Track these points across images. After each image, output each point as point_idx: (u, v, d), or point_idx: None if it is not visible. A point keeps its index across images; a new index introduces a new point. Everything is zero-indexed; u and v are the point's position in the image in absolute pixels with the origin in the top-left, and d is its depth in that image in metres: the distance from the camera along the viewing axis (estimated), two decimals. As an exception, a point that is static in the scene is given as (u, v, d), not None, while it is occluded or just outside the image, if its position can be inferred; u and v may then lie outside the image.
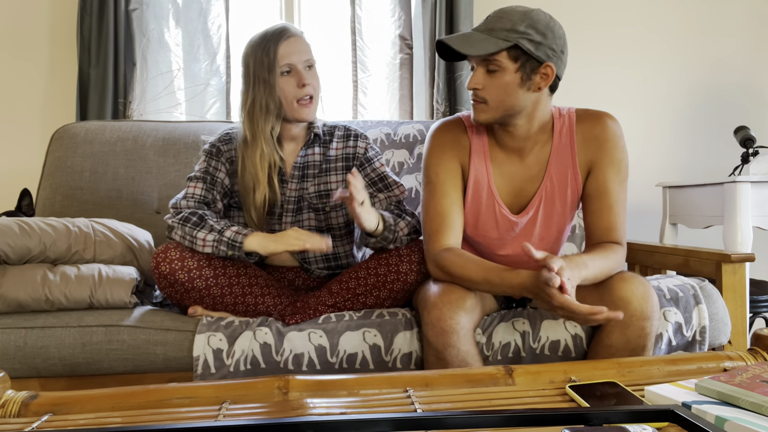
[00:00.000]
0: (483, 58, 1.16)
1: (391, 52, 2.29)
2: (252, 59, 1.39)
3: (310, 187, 1.46)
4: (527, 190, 1.29)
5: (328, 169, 1.48)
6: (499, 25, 1.14)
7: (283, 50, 1.37)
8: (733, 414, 0.70)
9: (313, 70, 1.42)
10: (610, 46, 2.45)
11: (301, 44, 1.40)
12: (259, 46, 1.38)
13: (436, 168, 1.29)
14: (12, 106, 2.21)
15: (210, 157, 1.45)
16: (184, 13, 2.21)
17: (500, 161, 1.29)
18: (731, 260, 1.45)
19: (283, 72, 1.37)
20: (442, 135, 1.30)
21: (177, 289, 1.28)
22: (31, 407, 0.83)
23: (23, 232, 1.33)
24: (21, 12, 2.20)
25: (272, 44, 1.37)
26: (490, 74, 1.17)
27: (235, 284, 1.32)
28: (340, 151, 1.49)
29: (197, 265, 1.29)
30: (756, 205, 1.91)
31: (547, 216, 1.30)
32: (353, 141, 1.50)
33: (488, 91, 1.18)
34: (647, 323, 1.14)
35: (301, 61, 1.38)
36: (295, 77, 1.38)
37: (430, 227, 1.27)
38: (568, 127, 1.27)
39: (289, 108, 1.39)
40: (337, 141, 1.50)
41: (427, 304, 1.14)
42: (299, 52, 1.38)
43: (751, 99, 2.51)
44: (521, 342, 1.23)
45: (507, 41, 1.13)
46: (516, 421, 0.64)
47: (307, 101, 1.39)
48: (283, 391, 0.86)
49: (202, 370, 1.20)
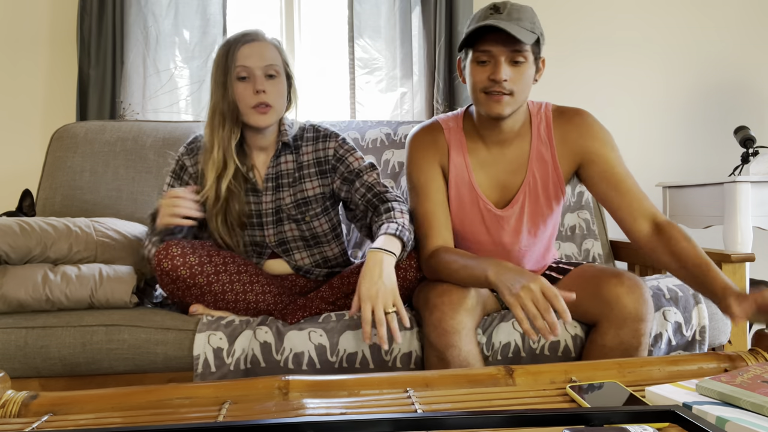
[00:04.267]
0: (514, 49, 1.16)
1: (391, 50, 2.29)
2: (215, 63, 1.34)
3: (287, 197, 1.41)
4: (511, 183, 1.31)
5: (301, 177, 1.42)
6: (523, 17, 1.15)
7: (242, 53, 1.31)
8: (734, 414, 0.70)
9: (276, 79, 1.33)
10: (610, 46, 2.44)
11: (263, 50, 1.32)
12: (222, 48, 1.34)
13: (417, 173, 1.32)
14: (12, 106, 2.21)
15: (174, 178, 1.43)
16: (183, 9, 2.21)
17: (481, 157, 1.31)
18: (731, 260, 1.45)
19: (240, 77, 1.31)
20: (420, 140, 1.34)
21: (179, 285, 1.28)
22: (31, 407, 0.83)
23: (24, 232, 1.32)
24: (21, 12, 2.20)
25: (233, 47, 1.32)
26: (514, 66, 1.18)
27: (236, 281, 1.32)
28: (311, 155, 1.42)
29: (198, 261, 1.28)
30: (756, 205, 1.91)
31: (533, 209, 1.32)
32: (323, 143, 1.42)
33: (516, 83, 1.18)
34: (642, 324, 1.14)
35: (260, 66, 1.30)
36: (251, 83, 1.31)
37: (419, 232, 1.30)
38: (545, 123, 1.30)
39: (245, 114, 1.32)
40: (306, 145, 1.43)
41: (429, 305, 1.15)
42: (259, 57, 1.31)
43: (751, 99, 2.51)
44: (521, 342, 1.23)
45: (534, 34, 1.16)
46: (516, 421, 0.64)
47: (264, 108, 1.31)
48: (283, 391, 0.86)
49: (202, 369, 1.20)
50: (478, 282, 1.11)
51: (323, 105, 2.37)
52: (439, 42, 2.20)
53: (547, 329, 0.98)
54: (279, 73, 1.34)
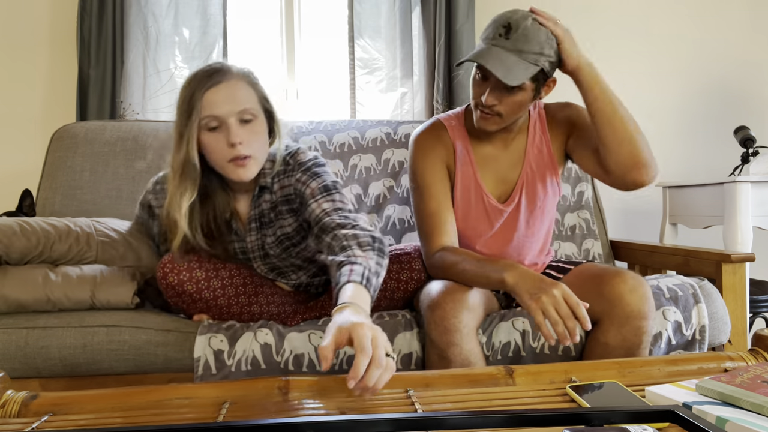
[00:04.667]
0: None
1: (391, 50, 2.29)
2: (177, 107, 1.13)
3: (269, 237, 1.31)
4: (510, 176, 1.34)
5: (277, 216, 1.29)
6: (527, 48, 1.13)
7: (209, 100, 1.10)
8: (734, 414, 0.70)
9: (253, 123, 1.14)
10: (609, 46, 2.44)
11: (235, 91, 1.12)
12: (185, 90, 1.12)
13: (422, 172, 1.32)
14: (12, 106, 2.21)
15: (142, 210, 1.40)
16: (183, 9, 2.21)
17: (485, 153, 1.34)
18: (731, 260, 1.45)
19: (210, 127, 1.12)
20: (424, 139, 1.34)
21: (185, 299, 1.27)
22: (31, 407, 0.83)
23: (24, 231, 1.32)
24: (21, 12, 2.20)
25: (197, 92, 1.10)
26: (508, 91, 1.18)
27: (241, 294, 1.31)
28: (279, 193, 1.27)
29: (205, 276, 1.26)
30: (756, 205, 1.91)
31: (530, 200, 1.34)
32: (287, 178, 1.25)
33: (504, 107, 1.20)
34: (644, 322, 1.14)
35: (233, 113, 1.11)
36: (224, 133, 1.12)
37: (424, 231, 1.30)
38: (539, 118, 1.35)
39: (222, 168, 1.16)
40: (277, 181, 1.26)
41: (431, 303, 1.15)
42: (231, 102, 1.11)
43: (751, 99, 2.51)
44: (521, 342, 1.23)
45: (536, 66, 1.14)
46: (516, 421, 0.64)
47: (242, 161, 1.13)
48: (283, 392, 0.86)
49: (203, 371, 1.20)
50: (492, 284, 1.11)
51: (323, 105, 2.37)
52: (439, 42, 2.20)
53: (566, 335, 0.99)
54: (256, 115, 1.15)
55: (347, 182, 1.92)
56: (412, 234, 1.86)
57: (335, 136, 1.97)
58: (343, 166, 1.93)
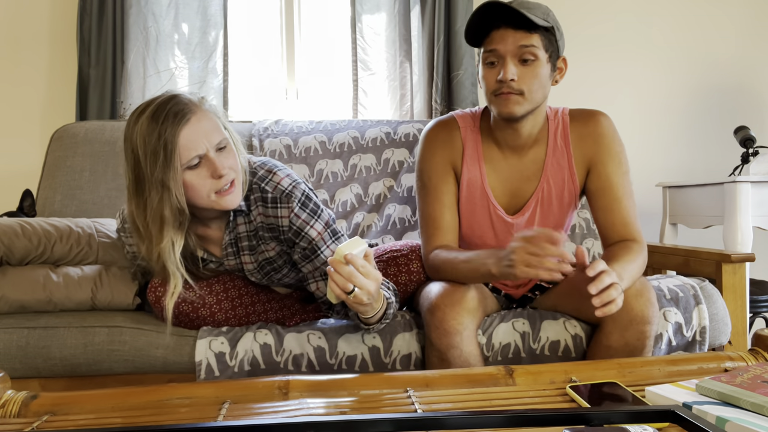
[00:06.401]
0: (520, 45, 1.14)
1: (391, 51, 2.29)
2: (142, 149, 1.06)
3: (248, 264, 1.26)
4: (524, 190, 1.29)
5: (258, 241, 1.24)
6: (533, 7, 1.13)
7: (186, 140, 1.05)
8: (734, 414, 0.70)
9: (227, 149, 1.11)
10: (609, 46, 2.44)
11: (204, 122, 1.08)
12: (148, 135, 1.05)
13: (428, 172, 1.30)
14: (12, 106, 2.21)
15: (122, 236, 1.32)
16: (183, 9, 2.21)
17: (496, 161, 1.29)
18: (731, 260, 1.45)
19: (191, 166, 1.07)
20: (434, 136, 1.31)
21: (181, 319, 1.26)
22: (31, 407, 0.83)
23: (26, 232, 1.32)
24: (21, 12, 2.20)
25: (169, 133, 1.04)
26: (524, 65, 1.15)
27: (238, 306, 1.30)
28: (261, 219, 1.21)
29: (198, 295, 1.25)
30: (756, 205, 1.91)
31: (544, 217, 1.30)
32: (272, 209, 1.18)
33: (526, 82, 1.16)
34: (647, 327, 1.13)
35: (212, 145, 1.08)
36: (208, 167, 1.08)
37: (425, 232, 1.29)
38: (562, 128, 1.27)
39: (209, 203, 1.11)
40: (256, 207, 1.20)
41: (430, 306, 1.14)
42: (205, 135, 1.07)
43: (751, 99, 2.51)
44: (521, 342, 1.23)
45: (547, 22, 1.13)
46: (516, 421, 0.64)
47: (230, 189, 1.11)
48: (283, 391, 0.86)
49: (205, 374, 1.19)
50: (484, 278, 1.11)
51: (324, 106, 2.37)
52: (438, 42, 2.20)
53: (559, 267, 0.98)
54: (227, 138, 1.13)
55: (347, 182, 1.92)
56: (413, 233, 1.86)
57: (335, 135, 1.97)
58: (343, 165, 1.93)
